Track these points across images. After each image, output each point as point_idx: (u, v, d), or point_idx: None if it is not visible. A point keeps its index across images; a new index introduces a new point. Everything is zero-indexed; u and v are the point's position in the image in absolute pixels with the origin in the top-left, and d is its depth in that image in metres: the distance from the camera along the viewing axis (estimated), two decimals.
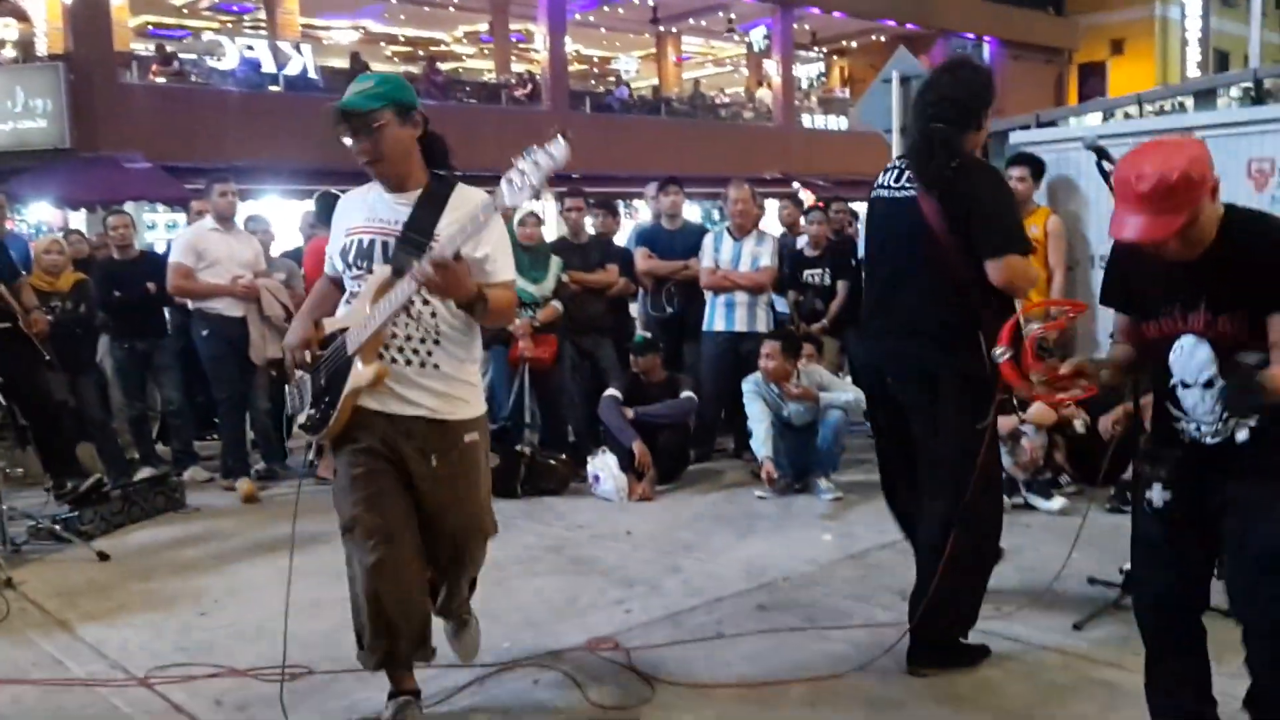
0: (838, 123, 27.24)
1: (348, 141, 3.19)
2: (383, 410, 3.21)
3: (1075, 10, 32.42)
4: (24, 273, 6.43)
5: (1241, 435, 2.67)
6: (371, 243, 3.25)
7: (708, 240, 7.19)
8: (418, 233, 3.20)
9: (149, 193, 15.64)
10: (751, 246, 7.11)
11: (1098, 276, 6.56)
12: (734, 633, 4.09)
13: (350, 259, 3.28)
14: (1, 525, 5.33)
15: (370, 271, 3.22)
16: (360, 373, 3.14)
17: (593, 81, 28.31)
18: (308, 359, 3.34)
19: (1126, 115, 10.76)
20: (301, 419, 3.38)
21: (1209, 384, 2.68)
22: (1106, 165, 4.27)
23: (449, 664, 3.80)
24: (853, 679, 3.62)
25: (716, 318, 7.10)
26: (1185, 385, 2.72)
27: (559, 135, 2.83)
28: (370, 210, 3.31)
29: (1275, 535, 2.62)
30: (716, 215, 6.66)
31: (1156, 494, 2.77)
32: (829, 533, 5.48)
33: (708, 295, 7.13)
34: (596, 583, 4.77)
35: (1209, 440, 2.72)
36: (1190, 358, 2.69)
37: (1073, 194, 6.63)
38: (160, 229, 16.15)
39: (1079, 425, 5.96)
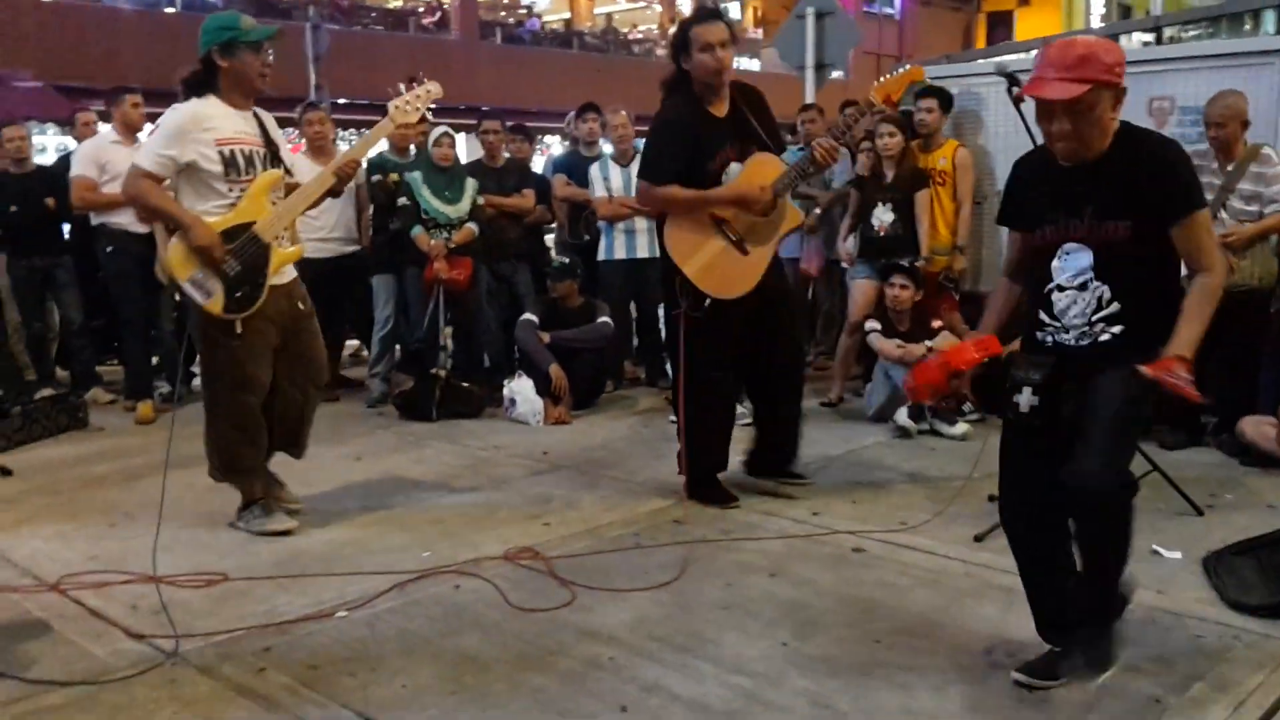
0: (750, 64, 27.25)
1: (270, 58, 4.14)
2: (276, 282, 4.20)
3: None
4: None
5: (1105, 338, 2.77)
6: (252, 152, 4.13)
7: (594, 170, 7.12)
8: (273, 142, 4.24)
9: (39, 112, 14.94)
10: None
11: None
12: (651, 544, 4.18)
13: (240, 167, 4.09)
14: None
15: (254, 176, 4.11)
16: (286, 252, 4.22)
17: (503, 13, 27.79)
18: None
19: None
20: (221, 304, 4.05)
21: (1082, 286, 2.78)
22: (1015, 90, 4.41)
23: (369, 570, 3.85)
24: (764, 584, 3.74)
25: (616, 246, 7.06)
26: (1060, 289, 2.82)
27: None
28: (232, 125, 4.10)
29: (1114, 398, 2.68)
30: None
31: (1024, 398, 2.79)
32: (743, 454, 5.58)
33: (603, 224, 7.12)
34: (514, 498, 4.81)
35: (1073, 343, 2.82)
36: (1071, 263, 2.79)
37: (979, 128, 6.79)
38: (51, 151, 15.53)
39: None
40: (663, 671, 3.07)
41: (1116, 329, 2.77)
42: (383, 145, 7.05)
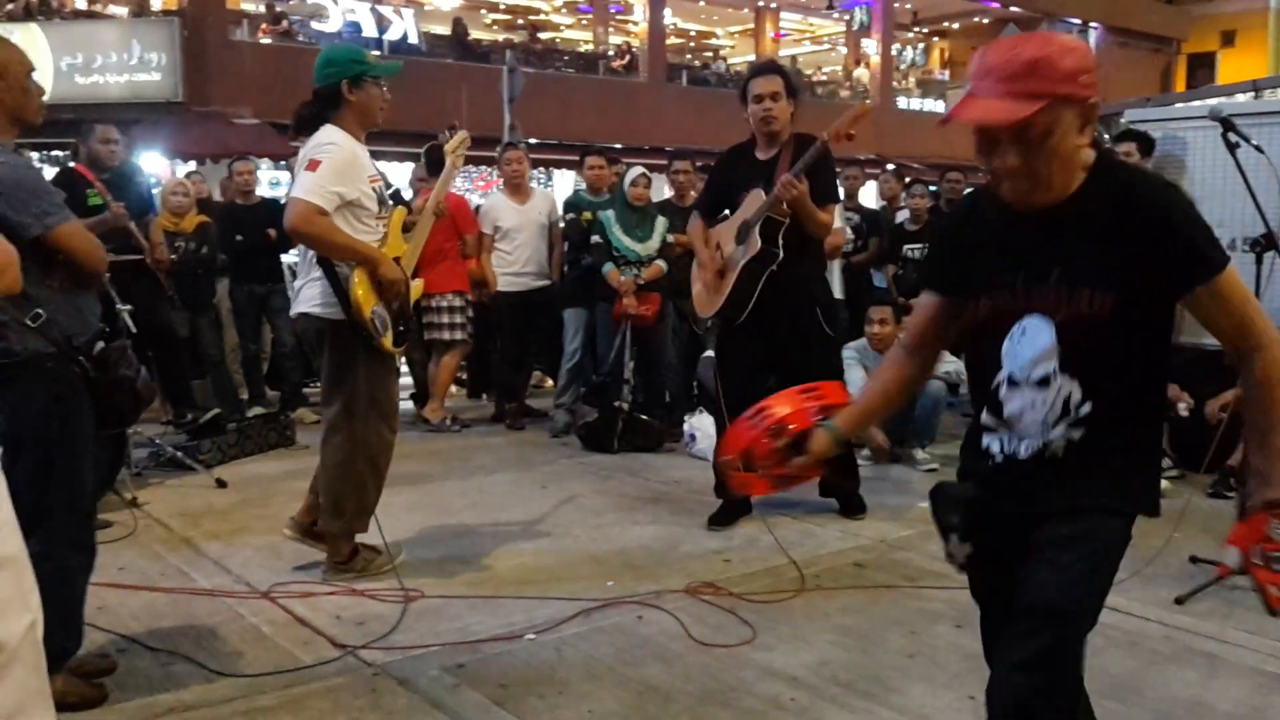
0: (935, 105, 26.87)
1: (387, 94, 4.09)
2: None
3: None
4: (153, 211, 6.69)
5: (1058, 445, 2.06)
6: (382, 189, 4.10)
7: None
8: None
9: (256, 148, 15.93)
10: None
11: None
12: (831, 586, 4.16)
13: (385, 203, 4.07)
14: (127, 450, 5.59)
15: (388, 213, 4.08)
16: (417, 285, 4.30)
17: (689, 56, 28.23)
18: None
19: None
20: (392, 338, 4.03)
21: (1044, 382, 2.04)
22: (1232, 137, 4.25)
23: (556, 596, 3.95)
24: (951, 635, 3.67)
25: None
26: (1013, 383, 2.08)
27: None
28: (369, 161, 4.03)
29: (1049, 586, 1.99)
30: None
31: (954, 546, 2.22)
32: (925, 501, 5.48)
33: None
34: (694, 533, 4.87)
35: (1024, 454, 2.10)
36: (1028, 345, 2.04)
37: (1182, 173, 6.52)
38: (264, 186, 16.52)
39: (1183, 410, 5.89)
40: (847, 717, 3.05)
41: (1076, 434, 2.04)
42: (579, 185, 7.33)
